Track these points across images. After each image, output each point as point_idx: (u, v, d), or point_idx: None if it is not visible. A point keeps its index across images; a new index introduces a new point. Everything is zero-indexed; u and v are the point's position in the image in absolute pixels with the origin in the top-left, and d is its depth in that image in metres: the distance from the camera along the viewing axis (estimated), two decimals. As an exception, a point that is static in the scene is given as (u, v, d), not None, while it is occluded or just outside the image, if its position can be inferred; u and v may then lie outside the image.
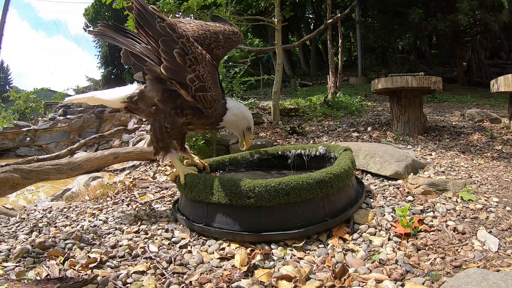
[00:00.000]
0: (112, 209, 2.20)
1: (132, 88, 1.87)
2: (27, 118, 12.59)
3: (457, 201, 1.95)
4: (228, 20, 2.24)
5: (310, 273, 1.34)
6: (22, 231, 1.89)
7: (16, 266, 1.43)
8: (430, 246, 1.50)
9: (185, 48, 1.67)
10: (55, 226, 1.94)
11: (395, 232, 1.62)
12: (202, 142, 3.39)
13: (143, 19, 1.65)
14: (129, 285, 1.30)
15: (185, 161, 2.20)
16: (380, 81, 3.60)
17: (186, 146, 2.15)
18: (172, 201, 2.23)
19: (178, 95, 1.72)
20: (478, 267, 1.32)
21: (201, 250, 1.56)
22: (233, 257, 1.47)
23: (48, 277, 1.33)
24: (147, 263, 1.44)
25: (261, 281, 1.28)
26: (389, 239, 1.58)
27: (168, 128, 1.78)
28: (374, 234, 1.64)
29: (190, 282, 1.30)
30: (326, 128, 4.33)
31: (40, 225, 1.98)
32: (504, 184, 2.22)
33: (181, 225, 1.82)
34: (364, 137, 3.77)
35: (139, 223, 1.89)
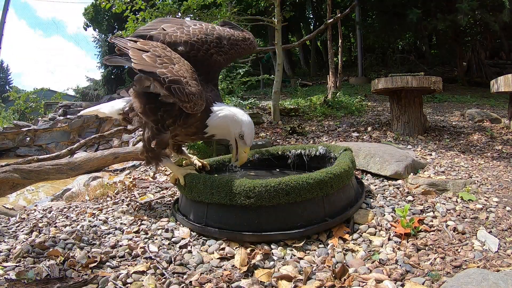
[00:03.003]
0: (112, 209, 2.20)
1: (125, 101, 1.98)
2: (27, 118, 12.57)
3: (457, 201, 1.95)
4: (240, 27, 2.14)
5: (310, 273, 1.34)
6: (22, 231, 1.89)
7: (16, 266, 1.43)
8: (430, 246, 1.50)
9: (157, 53, 1.70)
10: (55, 226, 1.94)
11: (395, 232, 1.62)
12: (201, 142, 3.39)
13: (120, 43, 1.77)
14: (129, 285, 1.30)
15: (184, 161, 2.20)
16: (380, 81, 3.60)
17: (182, 148, 2.14)
18: (172, 201, 2.23)
19: (159, 107, 1.71)
20: (478, 267, 1.32)
21: (201, 250, 1.56)
22: (233, 257, 1.48)
23: (48, 277, 1.33)
24: (147, 263, 1.44)
25: (261, 281, 1.29)
26: (389, 239, 1.58)
27: (157, 145, 1.79)
28: (374, 234, 1.64)
29: (190, 282, 1.31)
30: (326, 128, 4.33)
31: (40, 225, 1.98)
32: (504, 184, 2.22)
33: (181, 225, 1.82)
34: (364, 137, 3.77)
35: (139, 223, 1.89)
